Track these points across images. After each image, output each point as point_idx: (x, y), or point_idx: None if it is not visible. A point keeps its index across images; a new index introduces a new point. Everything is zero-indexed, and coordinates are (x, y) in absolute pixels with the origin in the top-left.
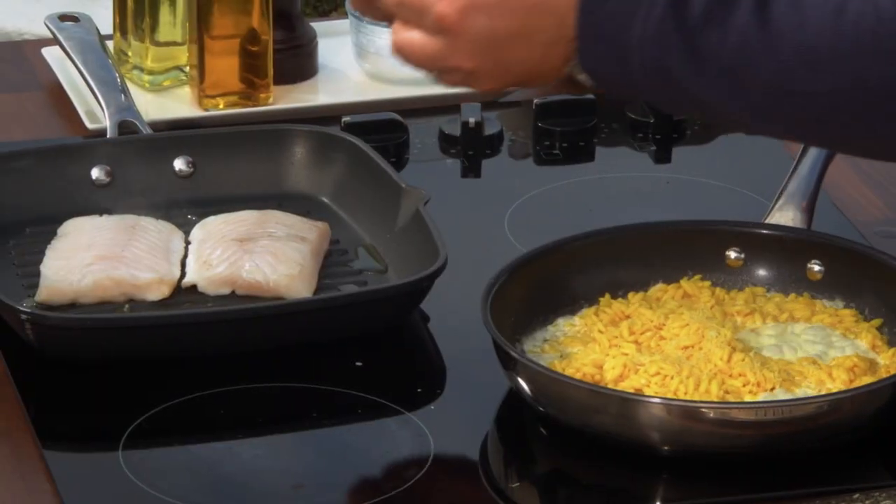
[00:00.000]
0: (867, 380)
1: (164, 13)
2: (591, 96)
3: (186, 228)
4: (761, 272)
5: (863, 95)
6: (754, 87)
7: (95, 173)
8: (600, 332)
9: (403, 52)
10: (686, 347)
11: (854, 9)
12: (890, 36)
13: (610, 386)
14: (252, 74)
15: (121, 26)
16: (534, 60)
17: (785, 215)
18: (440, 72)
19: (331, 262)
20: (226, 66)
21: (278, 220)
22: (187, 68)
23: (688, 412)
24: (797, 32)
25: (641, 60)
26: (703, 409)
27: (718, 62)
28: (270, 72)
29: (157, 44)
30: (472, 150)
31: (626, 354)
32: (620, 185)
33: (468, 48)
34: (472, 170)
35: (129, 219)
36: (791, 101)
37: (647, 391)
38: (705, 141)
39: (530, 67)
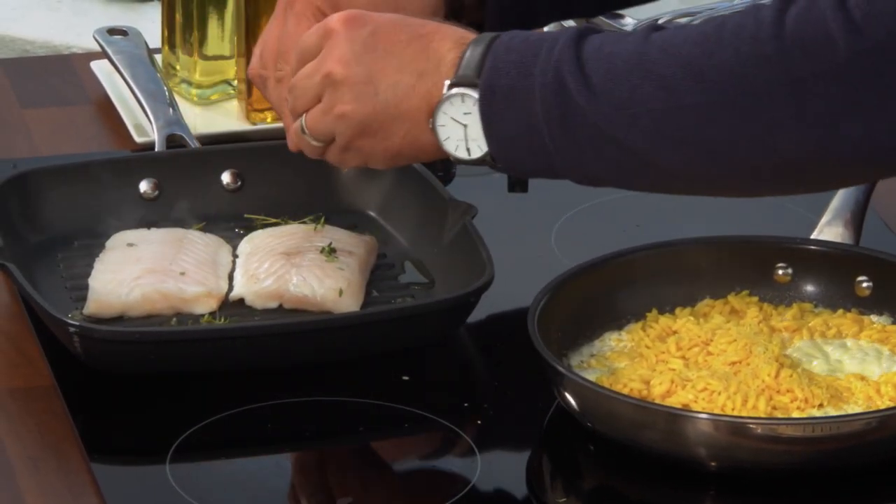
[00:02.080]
0: None
1: (213, 27)
2: None
3: (234, 242)
4: (809, 288)
5: (742, 100)
6: (644, 105)
7: (143, 187)
8: (647, 347)
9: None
10: (733, 363)
11: (736, 20)
12: (768, 38)
13: (657, 401)
14: None
15: (169, 40)
16: (403, 87)
17: (833, 231)
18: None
19: (378, 277)
20: None
21: (325, 234)
22: (235, 82)
23: (735, 428)
24: (681, 48)
25: (541, 89)
26: (751, 425)
27: (608, 84)
28: None
29: (206, 57)
30: None
31: (674, 370)
32: (668, 200)
33: (344, 50)
34: (518, 184)
35: (177, 232)
36: (680, 116)
37: (695, 407)
38: None
39: (397, 96)
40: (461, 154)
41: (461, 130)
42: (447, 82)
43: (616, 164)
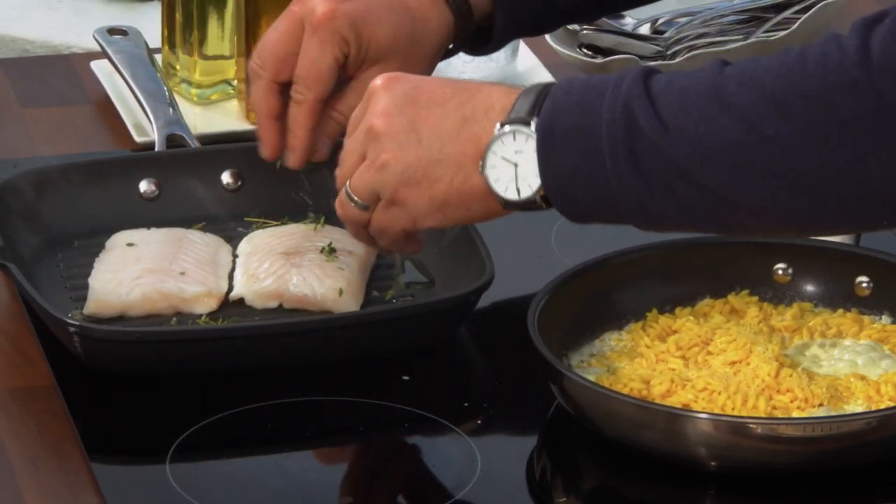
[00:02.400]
0: None
1: (213, 27)
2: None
3: (234, 242)
4: (809, 288)
5: (830, 129)
6: (721, 138)
7: (143, 186)
8: (647, 346)
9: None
10: (733, 363)
11: (817, 50)
12: (854, 65)
13: (657, 401)
14: None
15: (169, 40)
16: (446, 132)
17: None
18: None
19: (378, 276)
20: None
21: (325, 234)
22: (235, 82)
23: (735, 428)
24: (761, 80)
25: (609, 125)
26: (751, 425)
27: (682, 119)
28: None
29: (205, 57)
30: None
31: (674, 370)
32: None
33: (386, 104)
34: None
35: (177, 232)
36: (761, 148)
37: (695, 406)
38: None
39: (441, 140)
40: (510, 195)
41: (511, 170)
42: (498, 123)
43: (686, 202)
